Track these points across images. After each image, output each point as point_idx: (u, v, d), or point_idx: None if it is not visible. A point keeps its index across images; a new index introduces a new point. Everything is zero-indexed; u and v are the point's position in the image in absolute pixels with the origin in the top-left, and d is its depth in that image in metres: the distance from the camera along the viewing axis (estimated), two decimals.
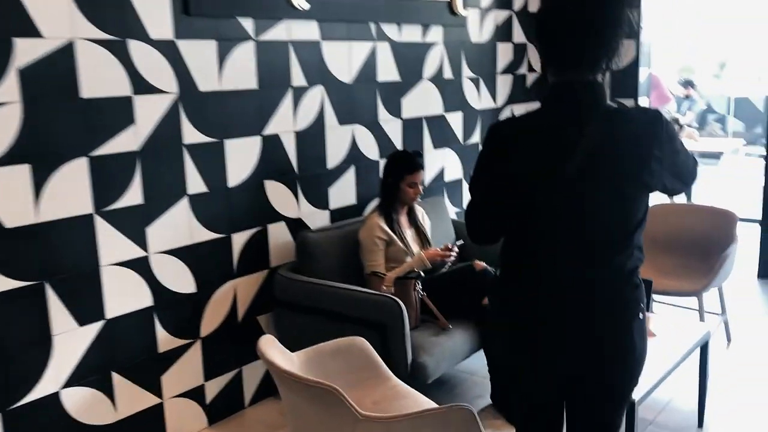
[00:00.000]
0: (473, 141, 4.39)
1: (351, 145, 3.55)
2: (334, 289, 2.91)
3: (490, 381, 3.07)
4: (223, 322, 3.04)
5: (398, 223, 3.21)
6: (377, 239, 3.11)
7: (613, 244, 1.62)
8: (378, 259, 3.11)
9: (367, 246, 3.12)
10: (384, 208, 3.20)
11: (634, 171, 1.58)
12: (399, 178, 3.19)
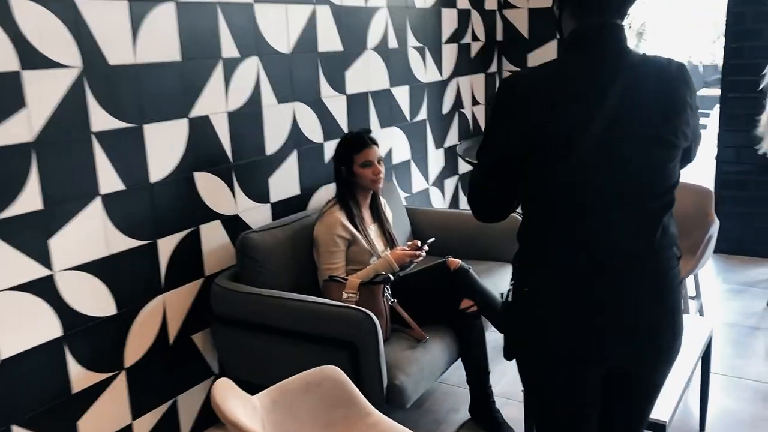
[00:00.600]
0: (420, 118, 3.97)
1: (292, 126, 3.05)
2: (287, 301, 2.43)
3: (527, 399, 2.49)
4: (152, 346, 2.51)
5: (361, 218, 2.76)
6: (338, 238, 2.65)
7: (656, 208, 1.43)
8: (338, 261, 2.65)
9: (326, 246, 2.65)
10: (343, 201, 2.74)
11: (671, 119, 1.42)
12: (349, 161, 2.75)
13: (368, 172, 2.75)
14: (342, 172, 2.77)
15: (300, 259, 2.72)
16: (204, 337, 2.72)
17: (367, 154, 2.74)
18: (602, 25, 1.44)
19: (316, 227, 2.72)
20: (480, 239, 3.29)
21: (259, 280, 2.59)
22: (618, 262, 1.43)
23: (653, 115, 1.41)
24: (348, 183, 2.77)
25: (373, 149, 2.77)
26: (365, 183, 2.76)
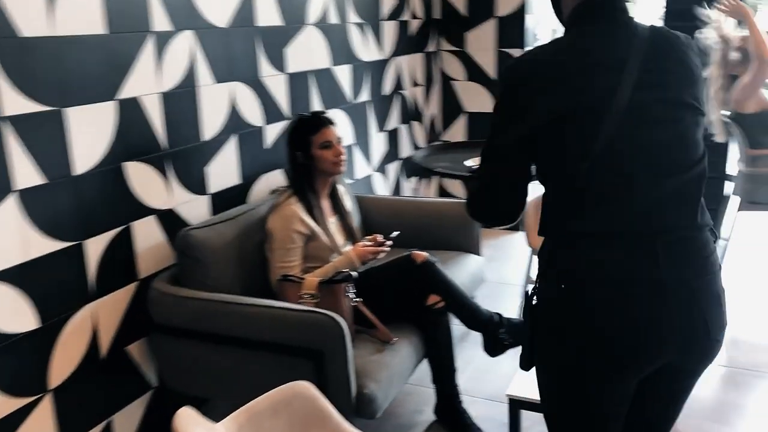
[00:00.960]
0: (362, 99, 3.74)
1: (230, 108, 2.76)
2: (240, 306, 2.16)
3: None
4: (81, 362, 2.19)
5: (320, 210, 2.52)
6: (295, 234, 2.39)
7: (692, 180, 1.33)
8: (294, 259, 2.40)
9: (281, 243, 2.40)
10: (300, 191, 2.49)
11: (690, 86, 1.36)
12: (306, 144, 2.50)
13: (329, 153, 2.50)
14: (298, 157, 2.51)
15: (248, 257, 2.45)
16: (140, 347, 2.41)
17: (325, 134, 2.50)
18: None
19: (269, 221, 2.45)
20: (434, 228, 3.11)
21: (203, 282, 2.30)
22: (666, 241, 1.29)
23: (675, 81, 1.35)
24: (305, 170, 2.51)
25: (332, 129, 2.53)
26: (326, 167, 2.51)
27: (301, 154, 2.51)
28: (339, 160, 2.52)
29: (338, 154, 2.52)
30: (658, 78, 1.33)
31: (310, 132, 2.50)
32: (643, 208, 1.30)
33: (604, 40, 1.34)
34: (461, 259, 3.03)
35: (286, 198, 2.48)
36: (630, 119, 1.29)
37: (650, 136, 1.31)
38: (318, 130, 2.50)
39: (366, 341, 2.28)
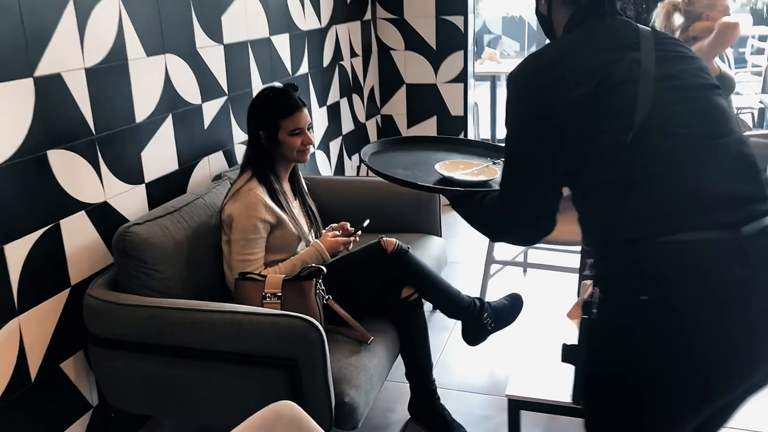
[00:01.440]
0: (302, 72, 3.46)
1: (164, 84, 2.43)
2: (199, 312, 1.88)
3: None
4: (8, 387, 1.86)
5: (284, 194, 2.25)
6: (260, 223, 2.12)
7: (747, 153, 1.22)
8: (257, 251, 2.14)
9: (243, 233, 2.12)
10: (262, 175, 2.20)
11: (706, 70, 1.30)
12: (273, 127, 2.21)
13: (296, 141, 2.23)
14: (260, 138, 2.22)
15: (199, 255, 2.16)
16: (76, 363, 2.10)
17: (297, 120, 2.22)
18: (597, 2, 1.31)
19: (228, 208, 2.16)
20: (392, 209, 2.91)
21: (148, 286, 2.01)
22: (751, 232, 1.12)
23: (689, 59, 1.29)
24: (266, 152, 2.23)
25: (304, 113, 2.25)
26: (289, 154, 2.24)
27: (264, 134, 2.21)
28: (306, 149, 2.25)
29: (307, 143, 2.24)
30: (674, 55, 1.27)
31: (280, 114, 2.20)
32: (699, 182, 1.15)
33: (610, 30, 1.29)
34: (423, 242, 2.84)
35: (246, 182, 2.19)
36: (661, 89, 1.21)
37: (686, 105, 1.22)
38: (290, 114, 2.21)
39: (339, 342, 2.06)
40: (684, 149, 1.18)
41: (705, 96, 1.24)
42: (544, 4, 1.39)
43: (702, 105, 1.23)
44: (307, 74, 3.51)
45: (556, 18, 1.37)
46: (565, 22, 1.34)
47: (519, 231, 1.34)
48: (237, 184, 2.20)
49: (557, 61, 1.24)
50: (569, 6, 1.34)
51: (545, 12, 1.40)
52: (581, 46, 1.26)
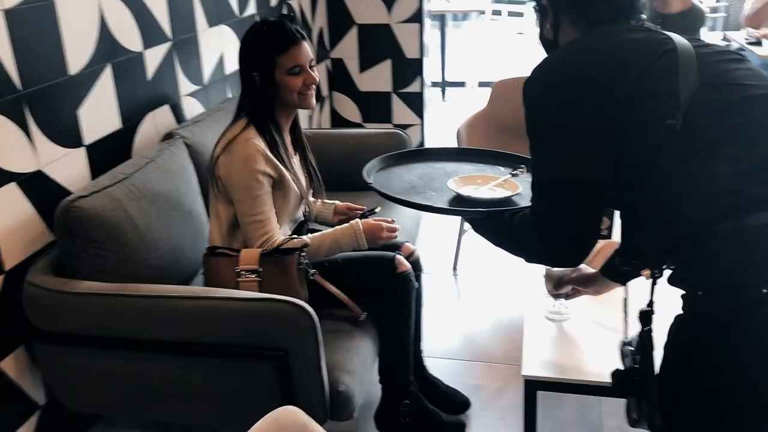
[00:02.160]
0: (250, 12, 3.11)
1: (100, 29, 2.08)
2: (164, 300, 1.61)
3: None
4: None
5: (285, 148, 1.93)
6: (261, 176, 1.82)
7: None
8: (268, 209, 1.83)
9: (248, 192, 1.81)
10: (259, 124, 1.88)
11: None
12: (269, 65, 1.86)
13: (297, 81, 1.88)
14: (255, 80, 1.88)
15: (158, 229, 1.87)
16: (17, 359, 1.81)
17: (296, 55, 1.88)
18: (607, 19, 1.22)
19: (223, 163, 1.83)
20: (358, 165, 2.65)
21: (103, 269, 1.72)
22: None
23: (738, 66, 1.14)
24: (263, 96, 1.88)
25: (304, 47, 1.90)
26: (291, 98, 1.90)
27: (258, 75, 1.87)
28: (310, 91, 1.92)
29: (311, 83, 1.90)
30: (701, 41, 1.17)
31: (275, 50, 1.86)
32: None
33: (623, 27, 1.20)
34: (394, 211, 2.61)
35: (241, 130, 1.85)
36: (701, 53, 1.10)
37: (730, 66, 1.11)
38: (286, 49, 1.87)
39: (326, 320, 1.82)
40: (753, 95, 1.05)
41: (746, 67, 1.12)
42: (550, 29, 1.27)
43: (747, 68, 1.12)
44: (254, 15, 3.16)
45: (563, 41, 1.25)
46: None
47: (565, 252, 1.21)
48: (230, 133, 1.86)
49: (587, 64, 1.13)
50: (578, 26, 1.23)
51: (551, 36, 1.27)
52: (606, 44, 1.15)
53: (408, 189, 1.56)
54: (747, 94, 1.06)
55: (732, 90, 1.06)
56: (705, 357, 1.03)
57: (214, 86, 2.78)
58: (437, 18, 5.85)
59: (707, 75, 1.07)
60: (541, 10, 1.28)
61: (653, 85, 1.06)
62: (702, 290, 1.02)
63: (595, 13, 1.21)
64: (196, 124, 2.34)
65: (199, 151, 2.24)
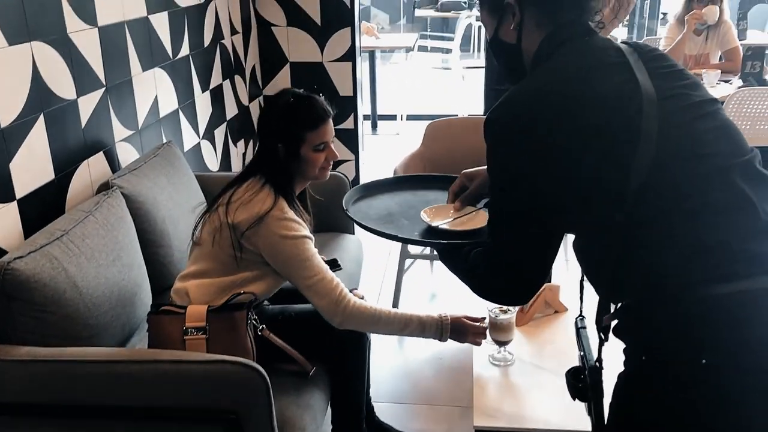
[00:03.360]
0: (183, 54, 3.07)
1: (32, 78, 2.02)
2: (110, 365, 1.56)
3: None
4: None
5: (301, 216, 1.89)
6: (306, 239, 1.81)
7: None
8: (324, 267, 1.81)
9: (299, 255, 1.78)
10: (284, 191, 1.83)
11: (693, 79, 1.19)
12: (296, 140, 1.83)
13: (321, 157, 1.86)
14: (278, 151, 1.83)
15: (96, 286, 1.81)
16: None
17: (324, 133, 1.85)
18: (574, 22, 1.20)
19: (260, 236, 1.77)
20: None
21: (41, 332, 1.65)
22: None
23: (681, 73, 1.16)
24: (284, 167, 1.85)
25: (330, 124, 1.87)
26: (311, 171, 1.87)
27: (283, 147, 1.83)
28: (329, 165, 1.91)
29: (332, 158, 1.89)
30: (666, 71, 1.15)
31: (306, 126, 1.82)
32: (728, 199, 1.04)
33: (594, 49, 1.17)
34: (338, 241, 2.63)
35: (273, 204, 1.78)
36: (667, 107, 1.08)
37: (696, 125, 1.09)
38: (318, 126, 1.83)
39: (275, 375, 1.80)
40: (712, 171, 1.05)
41: (712, 117, 1.12)
42: (513, 30, 1.22)
43: (714, 125, 1.11)
44: (188, 56, 3.13)
45: (527, 45, 1.22)
46: (536, 47, 1.20)
47: (513, 290, 1.22)
48: (259, 205, 1.78)
49: (556, 94, 1.10)
50: (544, 27, 1.19)
51: (513, 40, 1.23)
52: (574, 73, 1.12)
53: (384, 216, 1.59)
54: (706, 170, 1.05)
55: (690, 165, 1.05)
56: (646, 426, 1.06)
57: (148, 130, 2.73)
58: (367, 54, 5.93)
59: (669, 144, 1.04)
60: (503, 10, 1.23)
61: (614, 160, 1.05)
62: (645, 355, 1.05)
63: (564, 13, 1.19)
64: (133, 172, 2.28)
65: (137, 201, 2.19)
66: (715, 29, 4.15)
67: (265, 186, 1.82)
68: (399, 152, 3.38)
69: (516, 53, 1.24)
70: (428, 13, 8.88)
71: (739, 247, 1.00)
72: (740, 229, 1.02)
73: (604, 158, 1.05)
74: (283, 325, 1.83)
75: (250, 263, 1.81)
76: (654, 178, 1.02)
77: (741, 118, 3.31)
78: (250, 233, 1.76)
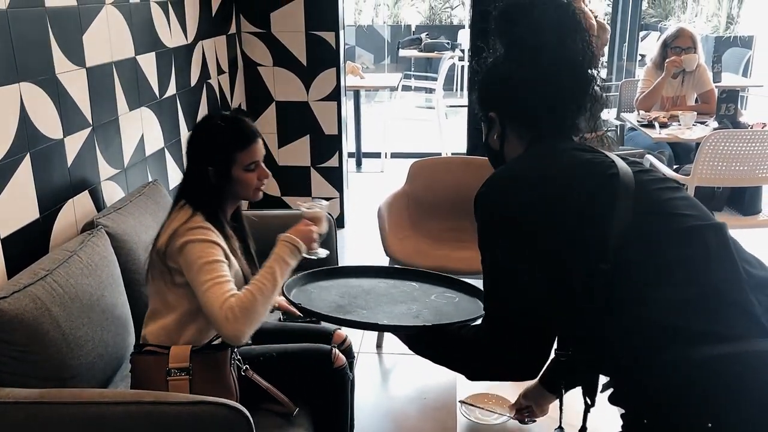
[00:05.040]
0: (170, 93, 3.11)
1: (20, 118, 2.04)
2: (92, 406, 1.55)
3: None
4: None
5: (232, 237, 1.89)
6: (214, 245, 1.77)
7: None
8: (226, 274, 1.74)
9: (202, 258, 1.72)
10: (210, 213, 1.83)
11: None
12: (227, 161, 1.84)
13: (253, 177, 1.88)
14: (209, 175, 1.84)
15: (80, 326, 1.80)
16: None
17: (255, 152, 1.87)
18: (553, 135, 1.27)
19: (173, 252, 1.76)
20: None
21: (21, 372, 1.64)
22: None
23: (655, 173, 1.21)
24: (216, 191, 1.86)
25: (260, 144, 1.91)
26: (245, 192, 1.89)
27: (213, 170, 1.84)
28: (263, 184, 1.93)
29: (263, 177, 1.91)
30: (642, 166, 1.21)
31: (236, 147, 1.85)
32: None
33: (572, 146, 1.24)
34: None
35: (187, 219, 1.79)
36: (641, 179, 1.14)
37: (669, 194, 1.15)
38: (247, 145, 1.86)
39: (259, 416, 1.80)
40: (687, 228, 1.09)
41: (681, 189, 1.18)
42: (496, 140, 1.30)
43: (683, 195, 1.17)
44: (175, 95, 3.16)
45: (509, 153, 1.29)
46: (517, 154, 1.27)
47: (522, 360, 1.18)
48: (175, 222, 1.79)
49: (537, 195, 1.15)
50: (524, 140, 1.27)
51: (496, 147, 1.31)
52: (551, 157, 1.20)
53: (335, 308, 1.46)
54: (681, 227, 1.09)
55: (667, 221, 1.09)
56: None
57: (134, 169, 2.74)
58: (352, 93, 6.01)
59: (644, 203, 1.09)
60: (488, 121, 1.31)
61: (592, 217, 1.09)
62: (647, 419, 1.03)
63: (542, 129, 1.25)
64: (118, 211, 2.29)
65: (122, 240, 2.19)
66: (691, 72, 4.26)
67: (185, 206, 1.83)
68: (383, 190, 3.43)
69: (499, 158, 1.31)
70: (412, 53, 9.04)
71: (725, 302, 1.03)
72: (724, 281, 1.04)
73: (582, 214, 1.09)
74: (266, 365, 1.82)
75: (185, 290, 1.78)
76: (633, 231, 1.05)
77: (716, 159, 3.38)
78: (169, 250, 1.77)
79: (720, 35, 9.08)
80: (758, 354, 1.00)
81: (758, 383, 0.98)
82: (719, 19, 9.69)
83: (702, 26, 9.61)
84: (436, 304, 1.50)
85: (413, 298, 1.52)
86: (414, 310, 1.46)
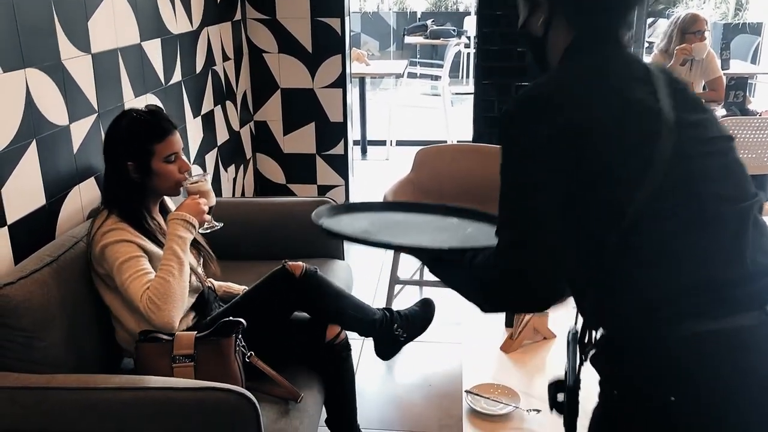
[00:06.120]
0: (175, 80, 3.11)
1: (26, 105, 2.03)
2: (96, 392, 1.56)
3: None
4: None
5: (160, 230, 1.94)
6: (128, 243, 1.83)
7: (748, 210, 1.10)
8: (146, 267, 1.81)
9: (122, 257, 1.80)
10: (124, 210, 1.88)
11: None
12: (145, 154, 1.90)
13: (173, 169, 1.93)
14: (128, 170, 1.90)
15: (85, 312, 1.82)
16: None
17: (172, 143, 1.94)
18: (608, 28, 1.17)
19: (96, 259, 1.84)
20: (288, 233, 2.68)
21: (29, 358, 1.65)
22: None
23: (707, 116, 1.14)
24: (136, 187, 1.91)
25: (177, 135, 1.97)
26: (166, 185, 1.94)
27: (134, 165, 1.90)
28: (183, 177, 1.97)
29: (185, 169, 1.96)
30: (689, 100, 1.13)
31: (154, 138, 1.91)
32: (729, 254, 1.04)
33: (618, 58, 1.15)
34: (328, 266, 2.64)
35: (104, 220, 1.85)
36: (682, 137, 1.06)
37: (705, 161, 1.09)
38: (164, 136, 1.92)
39: (263, 401, 1.81)
40: (708, 214, 1.05)
41: (726, 150, 1.12)
42: (541, 25, 1.18)
43: (723, 162, 1.11)
44: (180, 82, 3.16)
45: (554, 41, 1.18)
46: (564, 47, 1.17)
47: (533, 290, 1.09)
48: (93, 230, 1.88)
49: (578, 87, 1.08)
50: (573, 27, 1.15)
51: (540, 32, 1.19)
52: (598, 77, 1.10)
53: (362, 233, 1.39)
54: (699, 214, 1.04)
55: (688, 203, 1.05)
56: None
57: None
58: (357, 80, 5.99)
59: (675, 175, 1.04)
60: (533, 3, 1.19)
61: (618, 180, 1.03)
62: (617, 389, 1.05)
63: (596, 19, 1.15)
64: None
65: None
66: (699, 60, 4.23)
67: (102, 210, 1.90)
68: (388, 178, 3.42)
69: (540, 46, 1.21)
70: (418, 40, 9.00)
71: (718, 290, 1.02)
72: (722, 274, 1.03)
73: (611, 174, 1.03)
74: (263, 349, 1.84)
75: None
76: (651, 208, 1.02)
77: None
78: (93, 258, 1.84)
79: (728, 22, 9.01)
80: (737, 330, 1.00)
81: (732, 360, 0.99)
82: (728, 5, 9.61)
83: (710, 13, 9.54)
84: (467, 234, 1.42)
85: (444, 229, 1.45)
86: (440, 239, 1.39)
